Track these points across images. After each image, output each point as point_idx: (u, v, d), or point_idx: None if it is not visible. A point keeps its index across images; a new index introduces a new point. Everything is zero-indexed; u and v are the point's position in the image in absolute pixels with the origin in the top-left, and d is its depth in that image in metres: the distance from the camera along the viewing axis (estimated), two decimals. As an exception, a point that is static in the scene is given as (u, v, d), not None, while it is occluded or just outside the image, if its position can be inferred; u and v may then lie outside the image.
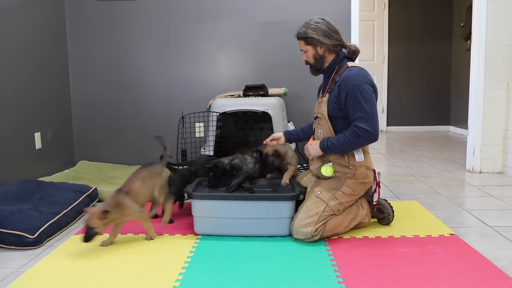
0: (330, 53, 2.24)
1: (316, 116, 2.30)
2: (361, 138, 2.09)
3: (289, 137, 2.51)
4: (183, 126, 2.96)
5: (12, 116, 3.00)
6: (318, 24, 2.20)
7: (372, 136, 2.10)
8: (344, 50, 2.29)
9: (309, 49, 2.24)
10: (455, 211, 2.60)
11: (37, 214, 2.22)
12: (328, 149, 2.17)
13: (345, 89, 2.12)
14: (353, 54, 2.29)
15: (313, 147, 2.24)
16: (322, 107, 2.24)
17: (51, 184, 2.76)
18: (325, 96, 2.25)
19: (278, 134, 2.52)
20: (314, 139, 2.37)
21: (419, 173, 3.63)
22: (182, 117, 3.02)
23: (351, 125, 2.12)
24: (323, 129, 2.25)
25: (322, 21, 2.21)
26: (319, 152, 2.22)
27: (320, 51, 2.22)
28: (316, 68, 2.29)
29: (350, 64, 2.22)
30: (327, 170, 2.18)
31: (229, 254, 1.97)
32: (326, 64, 2.26)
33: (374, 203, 2.26)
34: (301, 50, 2.29)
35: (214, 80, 3.76)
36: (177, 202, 2.55)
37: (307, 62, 2.31)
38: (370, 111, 2.09)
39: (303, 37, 2.22)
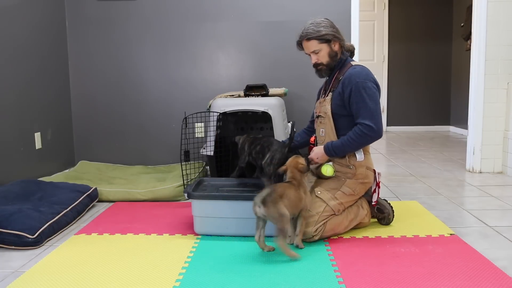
0: (340, 50, 2.25)
1: (318, 115, 2.30)
2: (366, 136, 2.10)
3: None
4: (186, 127, 2.94)
5: (12, 116, 3.00)
6: (327, 22, 2.22)
7: (376, 133, 2.10)
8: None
9: (324, 47, 2.20)
10: (455, 211, 2.60)
11: (37, 214, 2.22)
12: (334, 153, 2.17)
13: (349, 86, 2.13)
14: (352, 52, 2.33)
15: (317, 154, 2.22)
16: (325, 106, 2.24)
17: (51, 184, 2.76)
18: (328, 95, 2.25)
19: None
20: (316, 137, 2.38)
21: (419, 173, 3.63)
22: (185, 118, 3.01)
23: (355, 123, 2.13)
24: (326, 127, 2.25)
25: (327, 20, 2.24)
26: (325, 157, 2.21)
27: (335, 47, 2.22)
28: (331, 66, 2.24)
29: (353, 62, 2.23)
30: (327, 169, 2.19)
31: (229, 254, 1.97)
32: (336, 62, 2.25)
33: (373, 203, 2.26)
34: (312, 52, 2.22)
35: (214, 80, 3.75)
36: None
37: (317, 64, 2.25)
38: (374, 107, 2.10)
39: (317, 36, 2.17)
